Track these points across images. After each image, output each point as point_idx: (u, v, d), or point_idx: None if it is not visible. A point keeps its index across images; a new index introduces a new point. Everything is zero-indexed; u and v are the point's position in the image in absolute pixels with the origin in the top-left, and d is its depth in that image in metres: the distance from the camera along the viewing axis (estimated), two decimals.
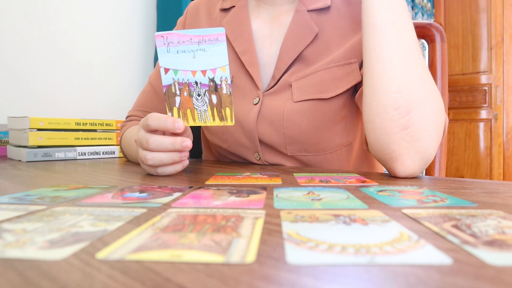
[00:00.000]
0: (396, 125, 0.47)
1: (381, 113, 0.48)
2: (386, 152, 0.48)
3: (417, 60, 0.48)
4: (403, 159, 0.47)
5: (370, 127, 0.50)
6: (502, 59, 2.54)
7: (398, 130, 0.46)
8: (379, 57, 0.48)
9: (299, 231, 0.21)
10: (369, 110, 0.50)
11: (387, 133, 0.47)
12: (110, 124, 0.92)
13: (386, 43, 0.48)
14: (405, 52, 0.48)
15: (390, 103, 0.47)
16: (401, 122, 0.46)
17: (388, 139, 0.47)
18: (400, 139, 0.47)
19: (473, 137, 2.68)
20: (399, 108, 0.46)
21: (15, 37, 1.10)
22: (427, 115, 0.47)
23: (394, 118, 0.47)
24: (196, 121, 0.50)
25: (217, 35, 0.46)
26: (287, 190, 0.36)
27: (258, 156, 0.67)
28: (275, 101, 0.64)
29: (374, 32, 0.49)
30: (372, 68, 0.49)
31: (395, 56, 0.48)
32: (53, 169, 0.60)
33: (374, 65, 0.49)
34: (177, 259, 0.17)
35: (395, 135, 0.47)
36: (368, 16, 0.50)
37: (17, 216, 0.25)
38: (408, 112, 0.46)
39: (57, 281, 0.15)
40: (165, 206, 0.29)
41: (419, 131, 0.46)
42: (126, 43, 1.40)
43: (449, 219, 0.24)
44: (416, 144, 0.46)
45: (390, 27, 0.48)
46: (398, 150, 0.47)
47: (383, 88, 0.48)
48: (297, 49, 0.64)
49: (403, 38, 0.48)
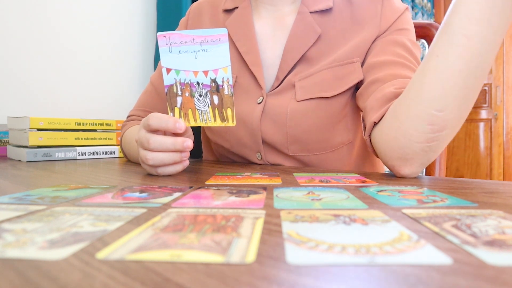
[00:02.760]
0: (423, 137, 0.45)
1: (414, 122, 0.45)
2: (398, 152, 0.48)
3: (475, 86, 0.43)
4: (413, 162, 0.47)
5: (394, 125, 0.48)
6: (502, 59, 2.54)
7: (423, 141, 0.45)
8: (440, 67, 0.43)
9: (299, 231, 0.21)
10: (402, 111, 0.47)
11: (410, 139, 0.46)
12: (110, 124, 0.92)
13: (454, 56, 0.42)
14: (469, 75, 0.42)
15: (427, 117, 0.44)
16: (429, 137, 0.45)
17: (407, 144, 0.46)
18: (419, 149, 0.46)
19: (473, 137, 2.68)
20: (433, 124, 0.44)
21: (15, 38, 1.10)
22: (453, 134, 0.46)
23: (424, 131, 0.45)
24: (197, 122, 0.50)
25: (220, 35, 0.46)
26: (287, 190, 0.36)
27: (260, 156, 0.67)
28: (278, 101, 0.64)
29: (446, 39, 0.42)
30: (426, 75, 0.44)
31: (455, 75, 0.42)
32: (53, 169, 0.60)
33: (430, 73, 0.43)
34: (177, 259, 0.17)
35: (416, 144, 0.46)
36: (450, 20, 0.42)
37: (17, 216, 0.25)
38: (440, 130, 0.44)
39: (57, 281, 0.15)
40: (165, 206, 0.29)
41: (440, 146, 0.46)
42: (126, 43, 1.40)
43: (449, 219, 0.24)
44: (431, 154, 0.46)
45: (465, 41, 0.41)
46: (411, 155, 0.47)
47: (427, 102, 0.44)
48: (300, 50, 0.64)
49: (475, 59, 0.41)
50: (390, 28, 0.63)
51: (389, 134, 0.49)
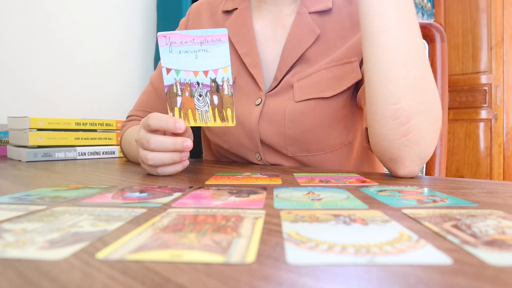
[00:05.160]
0: (396, 133, 0.46)
1: (381, 121, 0.47)
2: (386, 154, 0.49)
3: (418, 67, 0.46)
4: (403, 160, 0.47)
5: (371, 131, 0.50)
6: (502, 59, 2.54)
7: (398, 137, 0.46)
8: (376, 67, 0.46)
9: (299, 231, 0.21)
10: (369, 116, 0.49)
11: (387, 139, 0.47)
12: (110, 124, 0.92)
13: (383, 53, 0.45)
14: (405, 61, 0.45)
15: (389, 113, 0.46)
16: (401, 130, 0.46)
17: (388, 144, 0.47)
18: (400, 144, 0.46)
19: (473, 137, 2.68)
20: (398, 118, 0.46)
21: (15, 37, 1.10)
22: (426, 120, 0.46)
23: (394, 127, 0.46)
24: (197, 122, 0.50)
25: (220, 36, 0.46)
26: (287, 190, 0.36)
27: (259, 156, 0.67)
28: (277, 102, 0.64)
29: (370, 40, 0.46)
30: (370, 79, 0.48)
31: (393, 68, 0.45)
32: (53, 169, 0.60)
33: (371, 76, 0.47)
34: (177, 259, 0.17)
35: (394, 141, 0.47)
36: (365, 21, 0.47)
37: (17, 216, 0.25)
38: (407, 121, 0.45)
39: (57, 281, 0.15)
40: (165, 206, 0.29)
41: (418, 136, 0.46)
42: (126, 43, 1.40)
43: (449, 219, 0.24)
44: (415, 147, 0.46)
45: (386, 36, 0.45)
46: (398, 153, 0.47)
47: (382, 100, 0.46)
48: (299, 50, 0.64)
49: (403, 45, 0.45)
50: None
51: (373, 139, 0.50)
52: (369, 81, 0.48)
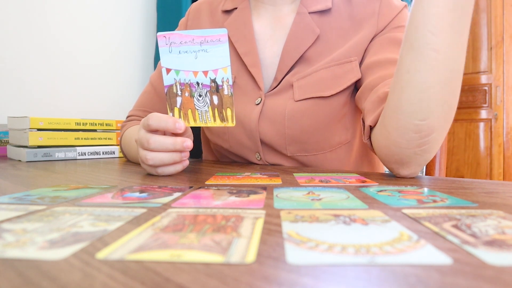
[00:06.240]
0: (412, 144, 0.45)
1: (400, 132, 0.45)
2: (393, 157, 0.48)
3: (455, 88, 0.42)
4: (410, 165, 0.47)
5: (384, 134, 0.48)
6: (502, 59, 2.54)
7: (413, 147, 0.45)
8: (412, 82, 0.42)
9: (299, 231, 0.21)
10: (388, 122, 0.46)
11: (400, 147, 0.46)
12: (110, 124, 0.92)
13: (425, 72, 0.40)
14: (445, 82, 0.41)
15: (412, 127, 0.43)
16: (418, 142, 0.44)
17: (399, 151, 0.46)
18: (412, 153, 0.46)
19: (473, 137, 2.68)
20: (419, 132, 0.43)
21: (15, 37, 1.10)
22: (444, 133, 0.45)
23: (412, 139, 0.44)
24: (197, 122, 0.50)
25: (219, 36, 0.46)
26: (287, 190, 0.36)
27: (259, 156, 0.67)
28: (276, 101, 0.64)
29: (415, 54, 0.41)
30: (402, 91, 0.43)
31: (431, 87, 0.41)
32: (53, 169, 0.60)
33: (405, 89, 0.43)
34: (177, 259, 0.17)
35: (408, 150, 0.45)
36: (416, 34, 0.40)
37: (17, 216, 0.25)
38: (427, 135, 0.44)
39: (57, 281, 0.15)
40: (165, 206, 0.29)
41: (432, 147, 0.45)
42: (126, 44, 1.40)
43: (449, 219, 0.24)
44: (426, 155, 0.46)
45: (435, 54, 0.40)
46: (406, 159, 0.47)
47: (408, 113, 0.43)
48: (299, 50, 0.64)
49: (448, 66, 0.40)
50: (388, 26, 0.63)
51: (381, 142, 0.49)
52: (397, 91, 0.44)
